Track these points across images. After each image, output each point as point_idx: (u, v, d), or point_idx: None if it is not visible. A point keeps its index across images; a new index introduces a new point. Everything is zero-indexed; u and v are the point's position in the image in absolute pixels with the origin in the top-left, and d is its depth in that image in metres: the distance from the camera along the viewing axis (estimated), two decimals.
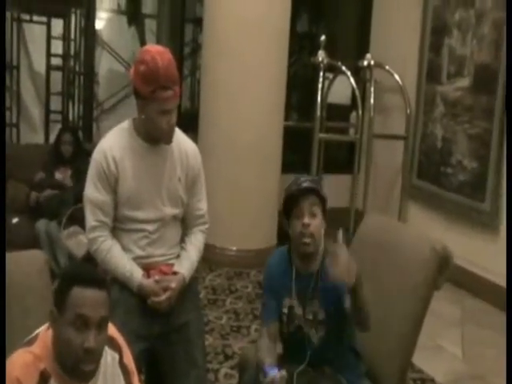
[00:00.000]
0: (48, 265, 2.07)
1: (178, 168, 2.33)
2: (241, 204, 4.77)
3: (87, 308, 1.50)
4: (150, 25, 7.16)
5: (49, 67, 6.16)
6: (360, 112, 5.28)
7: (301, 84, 6.35)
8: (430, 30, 5.19)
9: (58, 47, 6.23)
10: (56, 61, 6.26)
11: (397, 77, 5.35)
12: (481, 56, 4.60)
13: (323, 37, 5.32)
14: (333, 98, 5.84)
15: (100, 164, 2.23)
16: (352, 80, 5.18)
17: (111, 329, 1.67)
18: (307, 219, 2.03)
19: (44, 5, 5.91)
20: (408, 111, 5.34)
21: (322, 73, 5.28)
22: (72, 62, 6.36)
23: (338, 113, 6.21)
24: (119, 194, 2.25)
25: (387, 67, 5.40)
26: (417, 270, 2.19)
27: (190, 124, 5.07)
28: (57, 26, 6.19)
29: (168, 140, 2.26)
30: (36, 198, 4.45)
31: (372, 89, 5.38)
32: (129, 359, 1.74)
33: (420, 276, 2.18)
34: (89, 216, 2.27)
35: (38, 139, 6.35)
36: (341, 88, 5.75)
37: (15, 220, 4.36)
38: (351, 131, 6.01)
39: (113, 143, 2.27)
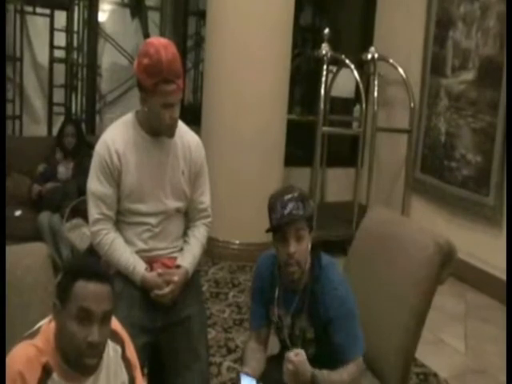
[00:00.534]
0: (50, 257, 2.07)
1: (181, 161, 2.32)
2: (244, 197, 4.76)
3: (90, 301, 1.50)
4: (153, 17, 7.12)
5: (52, 59, 6.15)
6: (364, 105, 5.27)
7: (304, 77, 6.33)
8: (435, 23, 5.16)
9: (61, 39, 6.21)
10: (59, 53, 6.24)
11: (401, 70, 5.33)
12: (485, 49, 4.57)
13: (327, 30, 5.30)
14: (336, 92, 5.83)
15: (103, 157, 2.22)
16: (356, 73, 5.16)
17: (114, 322, 1.67)
18: (293, 247, 1.93)
19: None
20: (412, 105, 5.32)
21: (326, 66, 5.26)
22: (75, 55, 6.35)
23: (342, 106, 6.21)
24: (122, 187, 2.24)
25: (391, 60, 5.37)
26: (420, 265, 2.18)
27: (193, 117, 5.07)
28: (60, 18, 6.17)
29: (170, 134, 2.25)
30: (39, 191, 4.44)
31: (376, 82, 5.35)
32: (131, 352, 1.74)
33: (423, 271, 2.17)
34: (92, 209, 2.26)
35: (41, 131, 6.35)
36: (344, 81, 5.73)
37: (18, 212, 4.36)
38: (355, 125, 6.00)
39: (116, 136, 2.26)
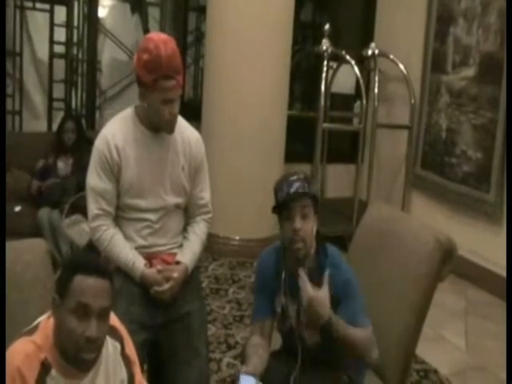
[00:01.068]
0: (50, 253, 2.06)
1: (181, 157, 2.31)
2: (244, 193, 4.76)
3: (89, 296, 1.50)
4: (153, 13, 7.11)
5: (52, 55, 6.14)
6: (364, 102, 5.25)
7: (304, 73, 6.31)
8: (436, 19, 5.14)
9: (61, 35, 6.20)
10: (59, 48, 6.24)
11: (401, 66, 5.31)
12: (486, 45, 4.56)
13: (327, 26, 5.28)
14: (337, 88, 5.81)
15: (102, 152, 2.22)
16: (356, 69, 5.15)
17: (113, 318, 1.66)
18: (298, 223, 1.95)
19: None
20: (412, 101, 5.31)
21: (326, 62, 5.25)
22: (75, 50, 6.34)
23: (342, 102, 6.19)
24: (122, 183, 2.24)
25: (392, 56, 5.36)
26: (420, 261, 2.18)
27: (194, 113, 5.05)
28: (60, 14, 6.17)
29: (170, 129, 2.25)
30: (38, 187, 4.44)
31: (376, 78, 5.34)
32: (130, 349, 1.73)
33: (424, 267, 2.17)
34: (91, 205, 2.26)
35: (41, 127, 6.34)
36: (345, 77, 5.71)
37: (18, 208, 4.35)
38: (355, 121, 5.99)
39: (115, 131, 2.25)
